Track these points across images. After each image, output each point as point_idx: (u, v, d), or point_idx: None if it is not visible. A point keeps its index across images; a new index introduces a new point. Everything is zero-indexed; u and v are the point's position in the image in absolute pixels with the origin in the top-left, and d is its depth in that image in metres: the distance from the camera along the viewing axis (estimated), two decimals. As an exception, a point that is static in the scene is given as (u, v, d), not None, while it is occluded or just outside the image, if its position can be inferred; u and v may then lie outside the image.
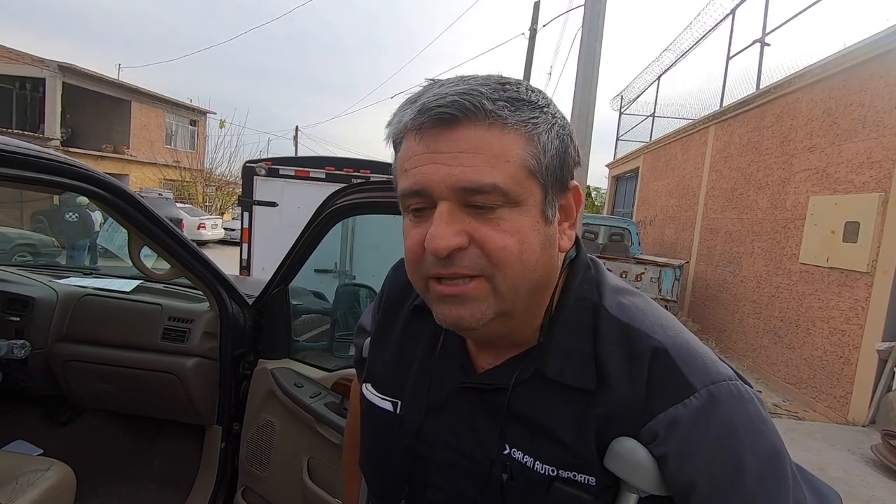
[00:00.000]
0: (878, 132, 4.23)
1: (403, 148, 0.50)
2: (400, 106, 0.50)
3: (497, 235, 0.47)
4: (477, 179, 0.46)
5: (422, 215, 0.49)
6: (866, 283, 4.21)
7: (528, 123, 0.48)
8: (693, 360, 0.50)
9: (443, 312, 0.50)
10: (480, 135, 0.46)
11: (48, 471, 1.32)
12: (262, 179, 5.03)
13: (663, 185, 9.85)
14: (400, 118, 0.49)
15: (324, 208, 1.43)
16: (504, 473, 0.53)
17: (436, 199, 0.47)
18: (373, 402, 0.66)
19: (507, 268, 0.47)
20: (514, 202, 0.47)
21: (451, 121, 0.46)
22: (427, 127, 0.47)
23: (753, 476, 0.48)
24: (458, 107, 0.45)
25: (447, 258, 0.47)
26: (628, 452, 0.49)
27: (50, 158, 1.08)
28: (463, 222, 0.47)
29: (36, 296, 1.82)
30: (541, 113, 0.49)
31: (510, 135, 0.47)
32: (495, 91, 0.47)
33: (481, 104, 0.46)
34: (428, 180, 0.47)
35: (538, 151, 0.48)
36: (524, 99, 0.48)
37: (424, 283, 0.51)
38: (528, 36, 10.25)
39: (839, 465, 3.34)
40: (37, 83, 16.76)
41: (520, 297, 0.50)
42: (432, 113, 0.46)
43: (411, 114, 0.47)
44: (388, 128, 0.52)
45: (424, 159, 0.47)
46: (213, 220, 15.87)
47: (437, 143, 0.47)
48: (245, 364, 1.66)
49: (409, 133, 0.49)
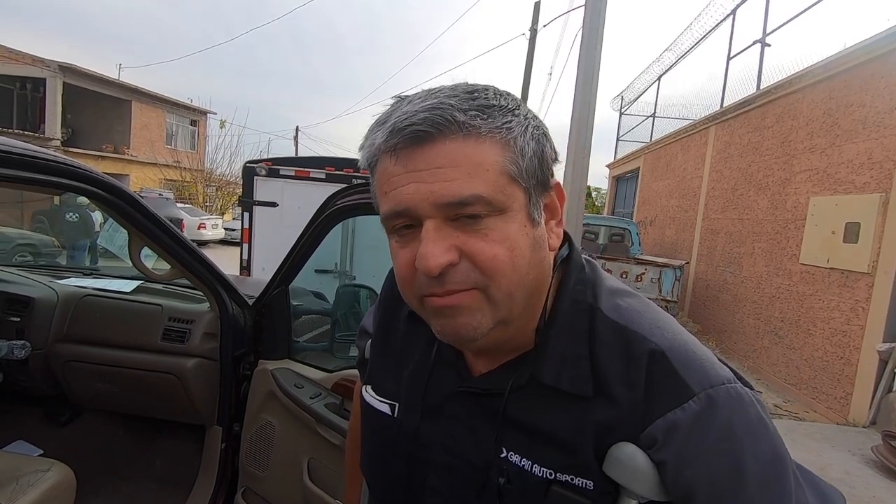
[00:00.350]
0: (879, 133, 4.23)
1: (379, 170, 0.49)
2: (370, 128, 0.50)
3: (486, 246, 0.46)
4: (459, 192, 0.45)
5: (408, 235, 0.49)
6: (867, 284, 4.21)
7: (502, 129, 0.47)
8: (691, 363, 0.49)
9: (440, 325, 0.50)
10: (456, 147, 0.45)
11: (48, 471, 1.32)
12: (262, 180, 5.03)
13: (664, 186, 9.85)
14: (372, 141, 0.48)
15: (324, 209, 1.43)
16: (501, 477, 0.53)
17: (421, 218, 0.47)
18: (372, 405, 0.66)
19: (501, 277, 0.47)
20: (498, 210, 0.46)
21: (424, 138, 0.45)
22: (401, 147, 0.46)
23: (754, 481, 0.47)
24: (430, 123, 0.45)
25: (439, 276, 0.46)
26: (628, 458, 0.49)
27: (50, 159, 1.08)
28: (451, 237, 0.46)
29: (36, 296, 1.82)
30: (513, 116, 0.48)
31: (486, 143, 0.46)
32: (464, 101, 0.46)
33: (453, 117, 0.45)
34: (410, 200, 0.46)
35: (516, 156, 0.47)
36: (494, 105, 0.47)
37: (419, 301, 0.51)
38: (529, 36, 10.25)
39: (840, 466, 3.33)
40: (37, 83, 16.77)
41: (516, 303, 0.49)
42: (404, 133, 0.45)
43: (383, 135, 0.47)
44: (361, 151, 0.51)
45: (403, 179, 0.46)
46: (214, 221, 15.87)
47: (413, 162, 0.46)
48: (245, 364, 1.66)
49: (383, 155, 0.48)
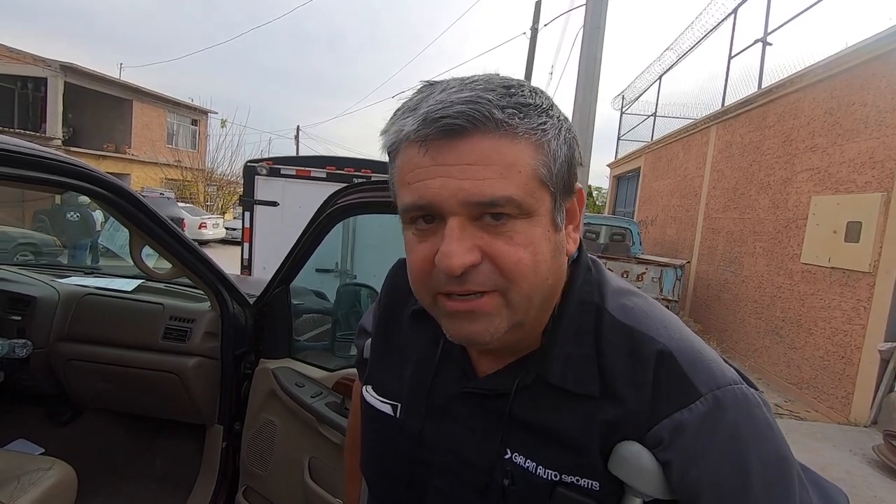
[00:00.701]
0: (881, 132, 4.22)
1: (403, 159, 0.47)
2: (396, 113, 0.48)
3: (511, 250, 0.45)
4: (490, 193, 0.43)
5: (427, 230, 0.47)
6: (868, 284, 4.20)
7: (537, 131, 0.45)
8: (699, 364, 0.49)
9: (454, 329, 0.49)
10: (490, 145, 0.44)
11: (49, 470, 1.32)
12: (263, 179, 5.03)
13: (665, 185, 9.84)
14: (400, 127, 0.46)
15: (325, 208, 1.42)
16: (505, 479, 0.52)
17: (444, 214, 0.45)
18: (373, 405, 0.66)
19: (523, 281, 0.46)
20: (526, 213, 0.45)
21: (458, 131, 0.43)
22: (432, 138, 0.44)
23: (760, 482, 0.47)
24: (466, 117, 0.43)
25: (460, 275, 0.45)
26: (633, 457, 0.49)
27: (51, 158, 1.08)
28: (475, 237, 0.45)
29: (37, 295, 1.82)
30: (548, 118, 0.47)
31: (521, 144, 0.45)
32: (502, 97, 0.44)
33: (491, 113, 0.43)
34: (436, 195, 0.44)
35: (549, 160, 0.46)
36: (531, 104, 0.46)
37: (432, 299, 0.49)
38: (529, 35, 10.24)
39: (841, 466, 3.33)
40: (38, 83, 16.79)
41: (533, 307, 0.49)
42: (438, 124, 0.43)
43: (413, 123, 0.44)
44: (384, 136, 0.48)
45: (430, 172, 0.44)
46: (215, 220, 15.89)
47: (443, 155, 0.44)
48: (246, 363, 1.66)
49: (409, 143, 0.45)
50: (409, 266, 0.50)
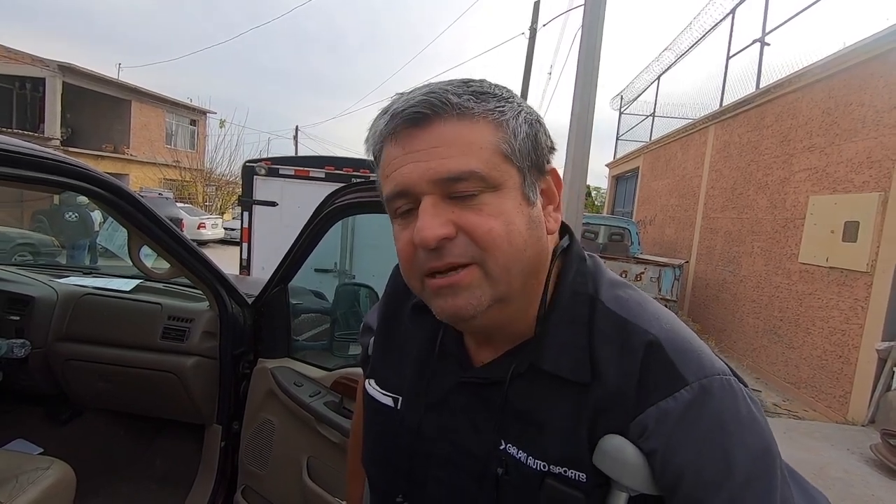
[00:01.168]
0: (878, 132, 4.24)
1: (383, 157, 0.52)
2: (373, 120, 0.53)
3: (482, 220, 0.48)
4: (454, 168, 0.47)
5: (409, 216, 0.50)
6: (866, 283, 4.21)
7: (494, 111, 0.49)
8: (687, 354, 0.50)
9: (440, 305, 0.51)
10: (451, 127, 0.48)
11: (48, 469, 1.32)
12: (261, 179, 5.03)
13: (663, 185, 9.85)
14: (375, 129, 0.51)
15: (323, 207, 1.43)
16: (500, 468, 0.53)
17: (419, 196, 0.49)
18: (375, 398, 0.67)
19: (496, 250, 0.48)
20: (493, 187, 0.48)
21: (422, 119, 0.48)
22: (400, 129, 0.49)
23: (742, 472, 0.47)
24: (426, 105, 0.48)
25: (437, 249, 0.48)
26: (616, 450, 0.49)
27: (50, 158, 1.08)
28: (448, 213, 0.48)
29: (36, 295, 1.82)
30: (506, 103, 0.51)
31: (479, 123, 0.49)
32: (459, 87, 0.49)
33: (447, 99, 0.48)
34: (408, 179, 0.49)
35: (509, 136, 0.50)
36: (488, 92, 0.50)
37: (420, 283, 0.52)
38: (528, 35, 10.25)
39: (839, 465, 3.34)
40: (37, 83, 16.76)
41: (514, 279, 0.50)
42: (403, 114, 0.48)
43: (384, 121, 0.50)
44: (366, 143, 0.54)
45: (403, 160, 0.49)
46: (213, 220, 15.88)
47: (412, 143, 0.49)
48: (245, 363, 1.66)
49: (385, 140, 0.51)
50: (398, 255, 0.53)
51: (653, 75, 11.25)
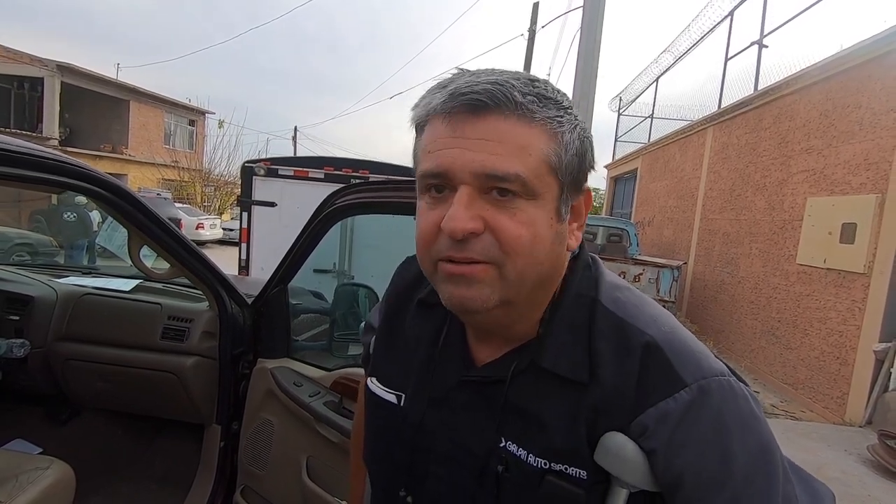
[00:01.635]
0: (875, 134, 4.25)
1: (428, 131, 0.51)
2: (428, 90, 0.51)
3: (512, 224, 0.48)
4: (501, 167, 0.47)
5: (439, 199, 0.50)
6: (863, 284, 4.23)
7: (553, 121, 0.49)
8: (685, 356, 0.51)
9: (449, 291, 0.51)
10: (507, 125, 0.47)
11: (48, 469, 1.32)
12: (260, 179, 5.03)
13: (662, 186, 9.87)
14: (429, 101, 0.50)
15: (322, 208, 1.43)
16: (500, 465, 0.54)
17: (456, 184, 0.48)
18: (377, 395, 0.67)
19: (518, 257, 0.48)
20: (531, 195, 0.48)
21: (480, 108, 0.47)
22: (456, 112, 0.48)
23: (742, 471, 0.48)
24: (490, 95, 0.46)
25: (461, 241, 0.48)
26: (617, 447, 0.50)
27: (49, 157, 1.08)
28: (481, 208, 0.48)
29: (35, 295, 1.82)
30: (565, 113, 0.50)
31: (535, 129, 0.48)
32: (526, 86, 0.48)
33: (512, 95, 0.47)
34: (451, 163, 0.48)
35: (560, 149, 0.49)
36: (551, 97, 0.49)
37: (433, 265, 0.52)
38: (527, 37, 10.27)
39: (836, 466, 3.35)
40: (35, 82, 16.73)
41: (525, 287, 0.51)
42: (464, 98, 0.47)
43: (441, 97, 0.48)
44: (414, 110, 0.52)
45: (450, 143, 0.48)
46: (212, 221, 15.85)
47: (463, 129, 0.48)
48: (244, 363, 1.67)
49: (436, 116, 0.50)
50: (417, 232, 0.53)
51: (651, 77, 11.27)
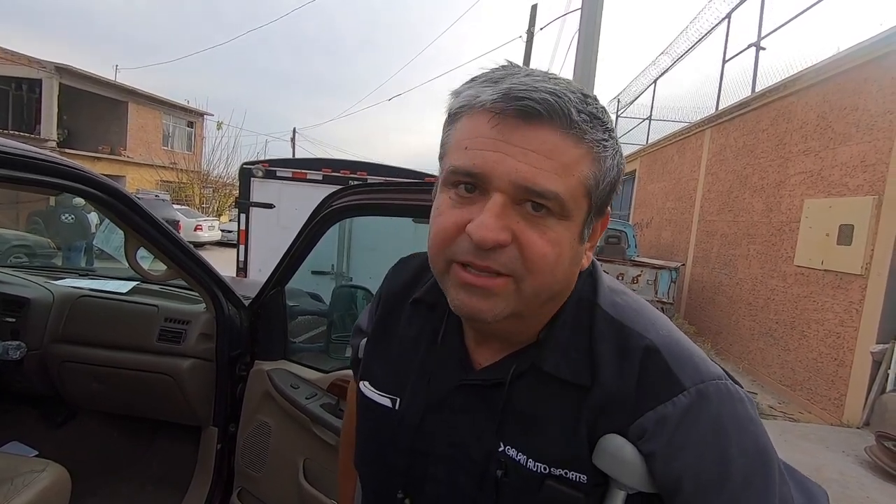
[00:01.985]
0: (872, 136, 4.27)
1: (468, 123, 0.48)
2: (474, 80, 0.49)
3: (541, 242, 0.46)
4: (542, 183, 0.45)
5: (467, 198, 0.48)
6: (860, 286, 4.24)
7: (599, 144, 0.47)
8: (684, 360, 0.51)
9: (461, 299, 0.49)
10: (558, 140, 0.45)
11: (43, 472, 1.32)
12: (259, 181, 5.02)
13: (660, 188, 9.89)
14: (476, 94, 0.47)
15: (320, 210, 1.43)
16: (499, 470, 0.54)
17: (491, 189, 0.46)
18: (372, 399, 0.66)
19: (540, 275, 0.47)
20: (564, 215, 0.47)
21: (534, 116, 0.45)
22: (508, 114, 0.45)
23: (740, 474, 0.48)
24: (547, 106, 0.44)
25: (486, 251, 0.46)
26: (616, 449, 0.50)
27: (46, 159, 1.08)
28: (511, 220, 0.46)
29: (32, 297, 1.82)
30: (609, 136, 0.49)
31: (583, 149, 0.47)
32: (581, 101, 0.46)
33: (569, 111, 0.45)
34: (491, 168, 0.46)
35: (600, 174, 0.48)
36: (600, 118, 0.48)
37: (446, 266, 0.50)
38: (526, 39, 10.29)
39: (834, 467, 3.35)
40: (33, 84, 16.72)
41: (537, 302, 0.51)
42: (520, 103, 0.44)
43: (493, 94, 0.46)
44: (455, 96, 0.50)
45: (492, 145, 0.46)
46: (211, 222, 15.83)
47: (511, 134, 0.45)
48: (241, 365, 1.66)
49: (482, 111, 0.47)
50: (434, 228, 0.50)
51: (649, 79, 11.31)
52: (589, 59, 4.22)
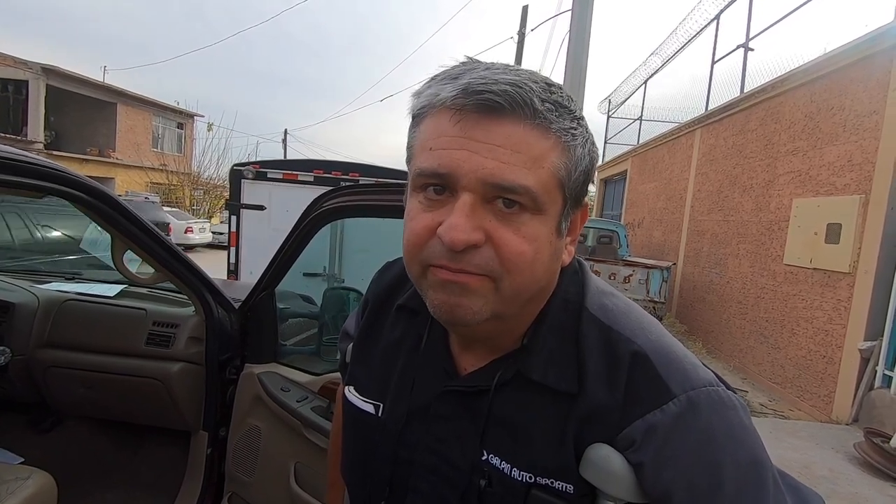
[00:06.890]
0: (859, 136, 4.32)
1: (431, 124, 0.46)
2: (435, 78, 0.47)
3: (516, 240, 0.45)
4: (512, 178, 0.43)
5: (436, 201, 0.46)
6: (848, 284, 4.29)
7: (567, 133, 0.46)
8: (673, 365, 0.49)
9: (439, 299, 0.47)
10: (523, 133, 0.44)
11: (28, 479, 1.29)
12: (249, 183, 4.99)
13: (651, 188, 9.95)
14: (435, 92, 0.45)
15: (311, 211, 1.42)
16: (482, 480, 0.52)
17: (459, 188, 0.44)
18: (355, 405, 0.65)
19: (518, 274, 0.46)
20: (538, 209, 0.45)
21: (496, 110, 0.43)
22: (469, 110, 0.43)
23: (733, 485, 0.46)
24: (508, 98, 0.43)
25: (459, 252, 0.44)
26: (602, 459, 0.48)
27: (29, 161, 1.06)
28: (483, 219, 0.44)
29: (16, 301, 1.78)
30: (578, 125, 0.47)
31: (551, 140, 0.45)
32: (544, 91, 0.45)
33: (532, 101, 0.43)
34: (457, 167, 0.44)
35: (571, 164, 0.47)
36: (566, 106, 0.46)
37: (422, 270, 0.48)
38: (517, 40, 10.33)
39: (824, 464, 3.38)
40: (19, 85, 16.48)
41: (518, 303, 0.49)
42: (480, 97, 0.43)
43: (452, 90, 0.44)
44: (416, 98, 0.48)
45: (456, 143, 0.44)
46: (201, 224, 15.71)
47: (474, 130, 0.44)
48: (231, 368, 1.64)
49: (442, 109, 0.45)
50: (406, 233, 0.49)
51: (640, 79, 11.38)
52: (579, 60, 4.24)
